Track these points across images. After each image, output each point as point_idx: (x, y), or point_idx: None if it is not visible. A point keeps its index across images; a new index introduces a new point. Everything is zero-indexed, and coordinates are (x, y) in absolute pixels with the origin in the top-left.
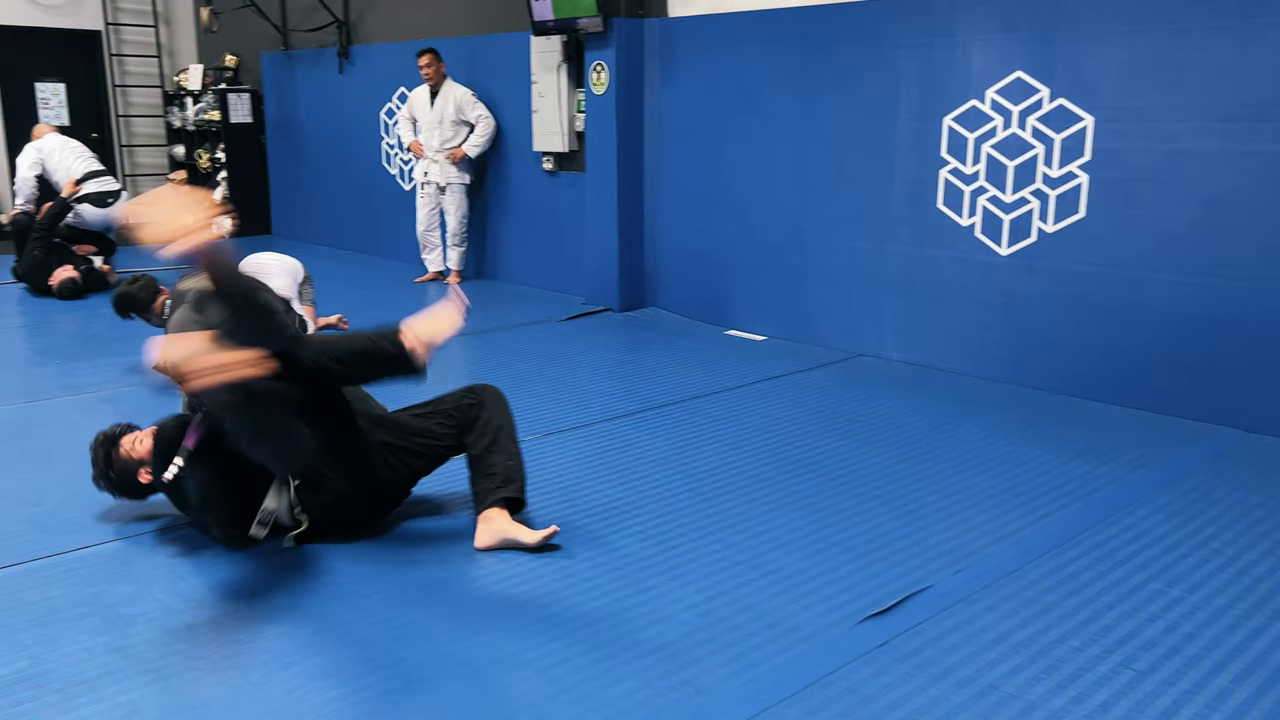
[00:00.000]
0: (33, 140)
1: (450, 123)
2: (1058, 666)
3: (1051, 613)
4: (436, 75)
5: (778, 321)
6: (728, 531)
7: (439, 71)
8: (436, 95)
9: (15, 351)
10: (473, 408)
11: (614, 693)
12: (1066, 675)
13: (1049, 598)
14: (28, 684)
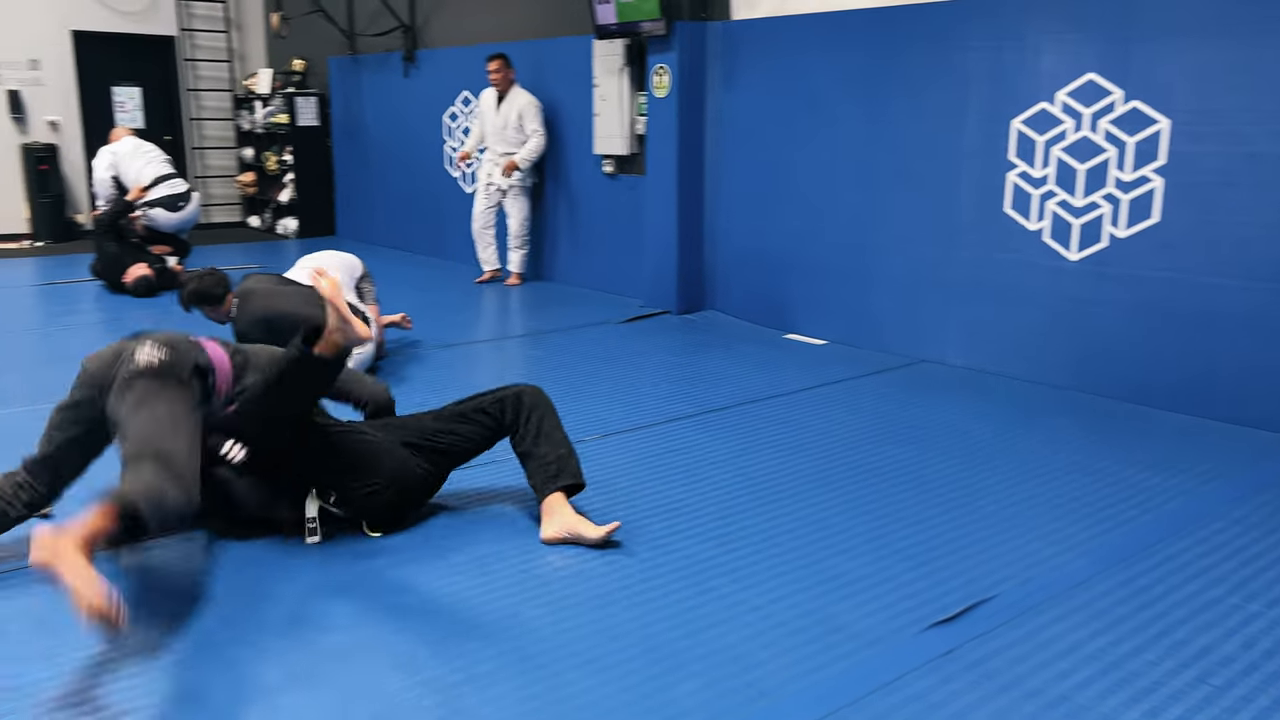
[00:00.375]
0: (110, 143)
1: (513, 129)
2: (1131, 679)
3: (1123, 625)
4: (504, 81)
5: (838, 326)
6: (789, 536)
7: (507, 77)
8: (503, 100)
9: (92, 345)
10: (508, 405)
11: (675, 693)
12: (1141, 689)
13: (1121, 610)
14: (99, 665)
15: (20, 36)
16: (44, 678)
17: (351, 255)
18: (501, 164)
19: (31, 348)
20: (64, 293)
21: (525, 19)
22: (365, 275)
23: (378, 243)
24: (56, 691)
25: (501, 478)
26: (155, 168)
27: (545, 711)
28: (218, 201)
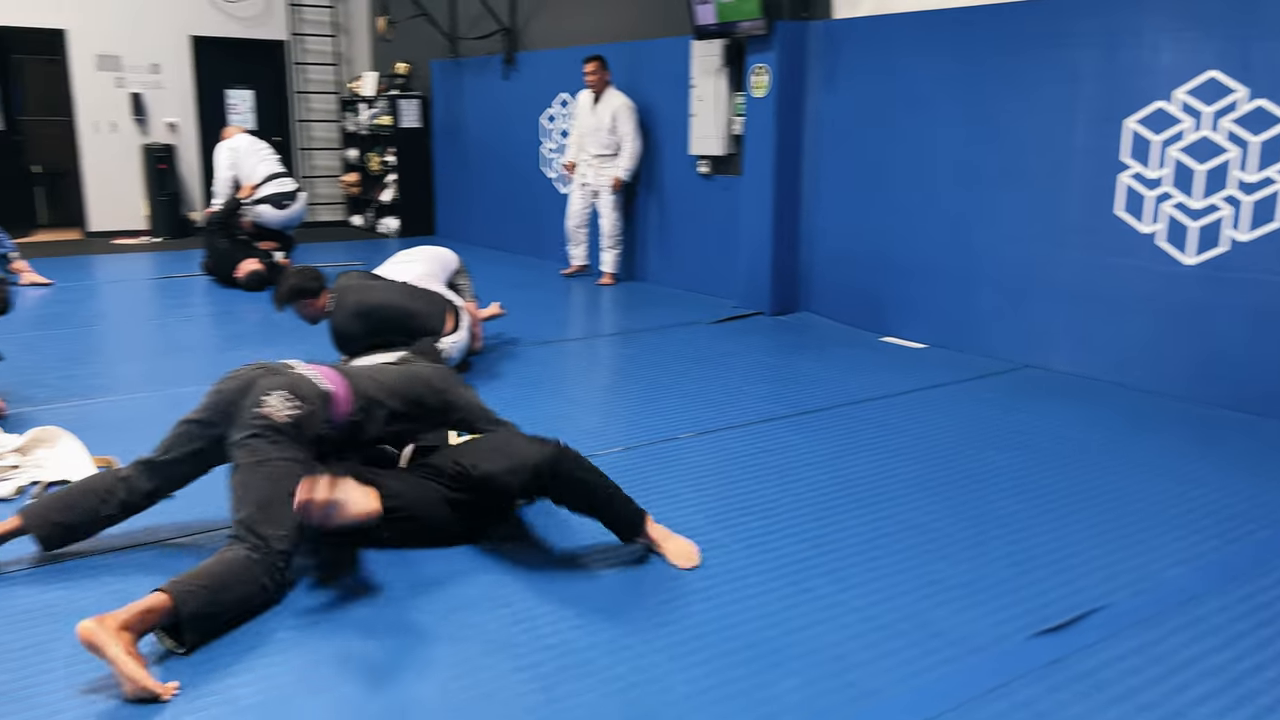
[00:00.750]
0: (223, 140)
1: (607, 131)
2: (1252, 697)
3: (1242, 641)
4: (600, 82)
5: (938, 329)
6: (887, 539)
7: (603, 79)
8: (598, 102)
9: (206, 337)
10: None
11: (775, 690)
12: (1263, 706)
13: (1239, 625)
14: (222, 640)
15: (144, 42)
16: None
17: (447, 250)
18: (595, 165)
19: (150, 338)
20: (179, 286)
21: (623, 20)
22: (460, 270)
23: (476, 242)
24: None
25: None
26: (268, 165)
27: (643, 702)
28: (322, 201)
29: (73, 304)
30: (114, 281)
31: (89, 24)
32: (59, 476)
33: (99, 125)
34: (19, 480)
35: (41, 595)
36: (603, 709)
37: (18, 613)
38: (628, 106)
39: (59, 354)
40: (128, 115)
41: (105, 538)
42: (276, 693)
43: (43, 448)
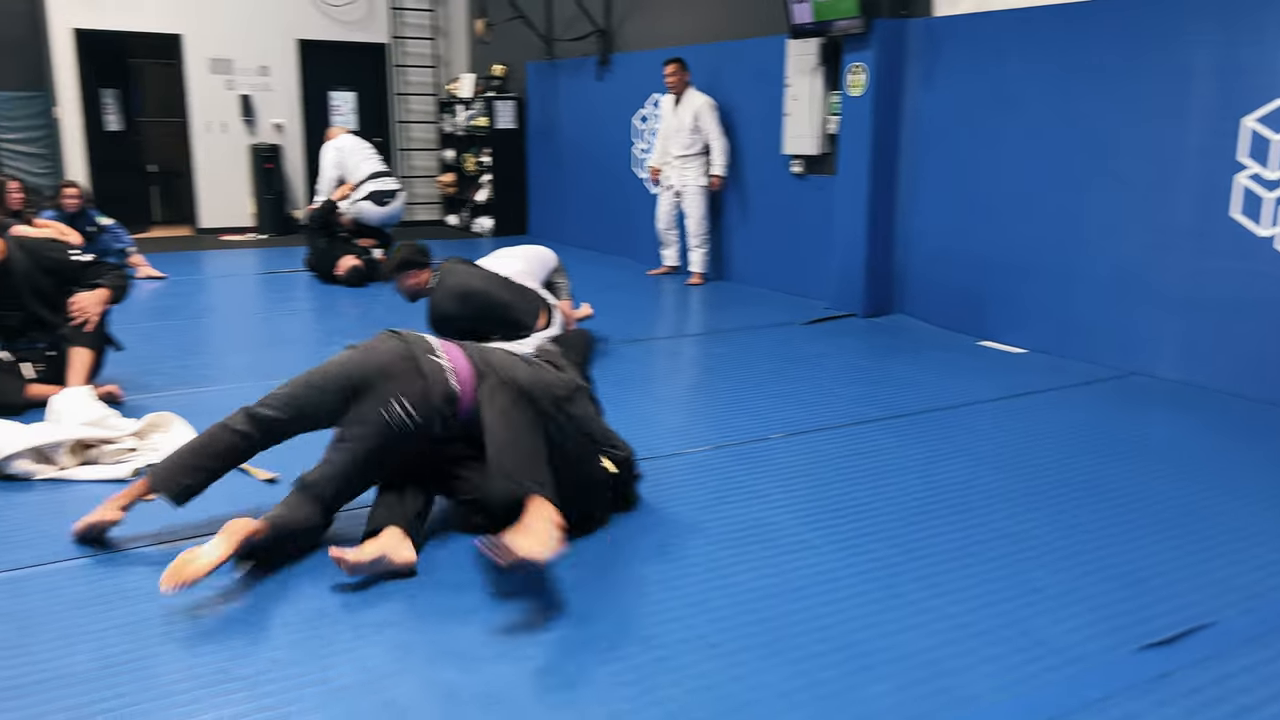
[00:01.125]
0: (328, 140)
1: (688, 130)
2: None
3: None
4: (680, 84)
5: (1038, 334)
6: (983, 546)
7: (682, 80)
8: (679, 103)
9: (307, 331)
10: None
11: (866, 693)
12: None
13: None
14: (323, 619)
15: (253, 46)
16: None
17: (546, 249)
18: (678, 165)
19: (255, 330)
20: (282, 281)
21: (717, 21)
22: (558, 269)
23: (568, 242)
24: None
25: (668, 474)
26: (371, 164)
27: (733, 699)
28: (420, 200)
29: (185, 297)
30: (222, 276)
31: (203, 28)
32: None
33: (210, 126)
34: (135, 462)
35: (154, 574)
36: (692, 705)
37: (132, 588)
38: (709, 105)
39: (173, 344)
40: (237, 116)
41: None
42: (368, 674)
43: (158, 432)
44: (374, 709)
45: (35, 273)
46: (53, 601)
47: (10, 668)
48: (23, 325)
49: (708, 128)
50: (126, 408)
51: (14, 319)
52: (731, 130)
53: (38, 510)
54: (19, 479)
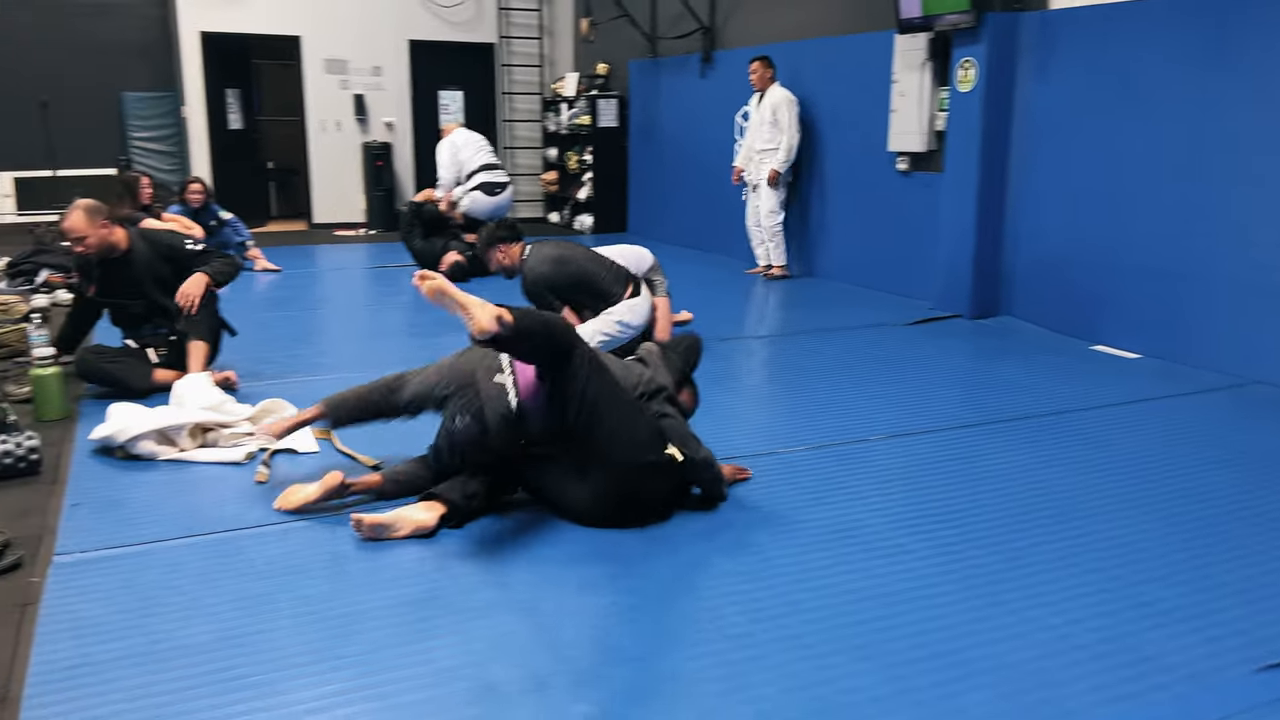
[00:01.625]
0: (444, 136)
1: (768, 124)
2: None
3: None
4: (762, 81)
5: (1155, 338)
6: (1091, 556)
7: (764, 78)
8: (762, 99)
9: (412, 323)
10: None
11: (962, 701)
12: None
13: None
14: (426, 603)
15: (368, 47)
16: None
17: (643, 248)
18: (756, 159)
19: (363, 322)
20: (390, 275)
21: (822, 17)
22: (654, 267)
23: (668, 240)
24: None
25: (763, 473)
26: (482, 156)
27: (825, 700)
28: (523, 198)
29: (298, 289)
30: (333, 270)
31: (320, 30)
32: (286, 445)
33: (325, 124)
34: (249, 446)
35: (263, 552)
36: (784, 704)
37: (244, 567)
38: (788, 100)
39: (285, 334)
40: (350, 115)
41: (326, 505)
42: (471, 657)
43: (270, 418)
44: (473, 691)
45: (155, 261)
46: (174, 576)
47: (130, 638)
48: (146, 312)
49: (782, 121)
50: (241, 394)
51: (138, 306)
52: (835, 127)
53: (161, 489)
54: (144, 459)
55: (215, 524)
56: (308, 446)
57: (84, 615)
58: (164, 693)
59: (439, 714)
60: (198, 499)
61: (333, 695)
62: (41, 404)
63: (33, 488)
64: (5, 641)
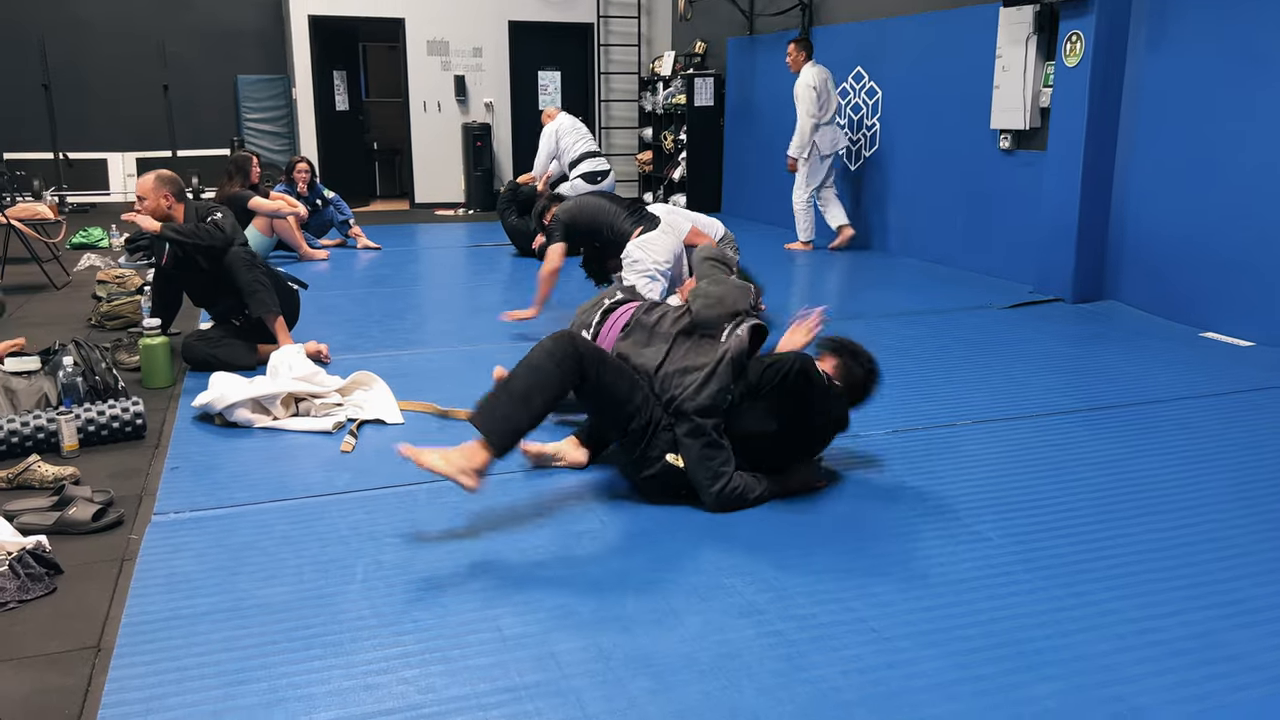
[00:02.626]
0: (546, 122)
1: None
2: None
3: None
4: (795, 64)
5: (1269, 325)
6: (1180, 550)
7: (796, 60)
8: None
9: (504, 301)
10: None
11: (1030, 692)
12: None
13: None
14: (494, 573)
15: (468, 29)
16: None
17: (718, 222)
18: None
19: (457, 299)
20: (486, 254)
21: None
22: (723, 238)
23: (762, 220)
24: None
25: (842, 457)
26: (583, 144)
27: (886, 684)
28: (619, 178)
29: (397, 267)
30: (432, 248)
31: (423, 12)
32: (373, 416)
33: (427, 105)
34: (338, 416)
35: (346, 518)
36: (844, 686)
37: (327, 531)
38: (804, 83)
39: (381, 310)
40: (451, 96)
41: (410, 473)
42: (536, 627)
43: (360, 389)
44: (536, 659)
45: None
46: (261, 537)
47: (217, 595)
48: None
49: (799, 107)
50: (334, 366)
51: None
52: (938, 104)
53: (254, 455)
54: (240, 426)
55: (302, 490)
56: (394, 418)
57: (176, 572)
58: (245, 647)
59: (501, 679)
60: (288, 465)
61: (400, 657)
62: (148, 373)
63: (137, 451)
64: (102, 594)
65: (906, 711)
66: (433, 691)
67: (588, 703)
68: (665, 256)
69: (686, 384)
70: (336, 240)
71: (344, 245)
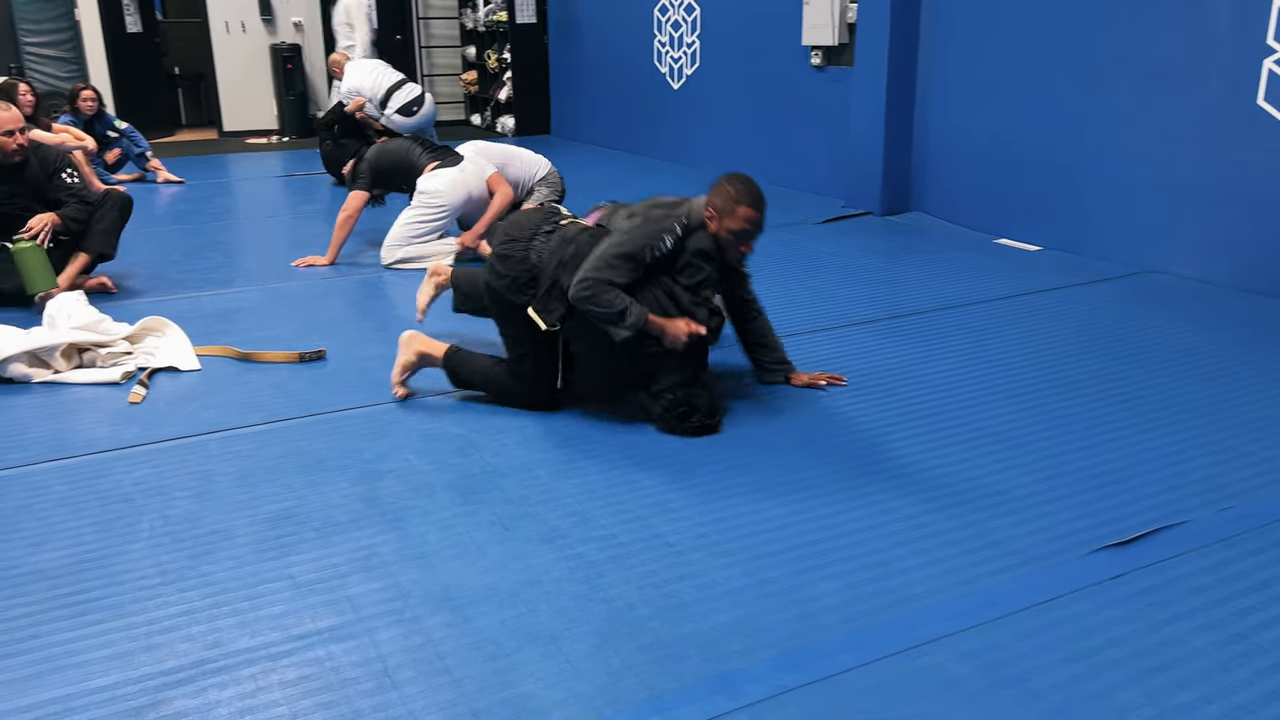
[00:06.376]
0: (336, 73)
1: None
2: None
3: None
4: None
5: (1054, 230)
6: (957, 447)
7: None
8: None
9: (320, 234)
10: None
11: (814, 590)
12: None
13: None
14: (292, 520)
15: None
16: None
17: (545, 159)
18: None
19: (267, 233)
20: (301, 184)
21: None
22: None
23: (594, 142)
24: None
25: None
26: (387, 79)
27: (675, 596)
28: (444, 100)
29: (201, 201)
30: (242, 179)
31: None
32: (166, 363)
33: (229, 25)
34: (127, 366)
35: (131, 474)
36: (640, 602)
37: (110, 489)
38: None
39: (182, 248)
40: (256, 15)
41: (204, 421)
42: (332, 572)
43: (151, 335)
44: (332, 604)
45: (41, 180)
46: (35, 500)
47: None
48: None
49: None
50: (124, 310)
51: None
52: (751, 21)
53: (31, 413)
54: (16, 382)
55: (85, 446)
56: (189, 364)
57: None
58: (14, 618)
59: (294, 626)
60: (68, 421)
61: (185, 614)
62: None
63: None
64: None
65: (698, 620)
66: (220, 646)
67: (383, 642)
68: (451, 194)
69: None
70: (134, 175)
71: (142, 180)
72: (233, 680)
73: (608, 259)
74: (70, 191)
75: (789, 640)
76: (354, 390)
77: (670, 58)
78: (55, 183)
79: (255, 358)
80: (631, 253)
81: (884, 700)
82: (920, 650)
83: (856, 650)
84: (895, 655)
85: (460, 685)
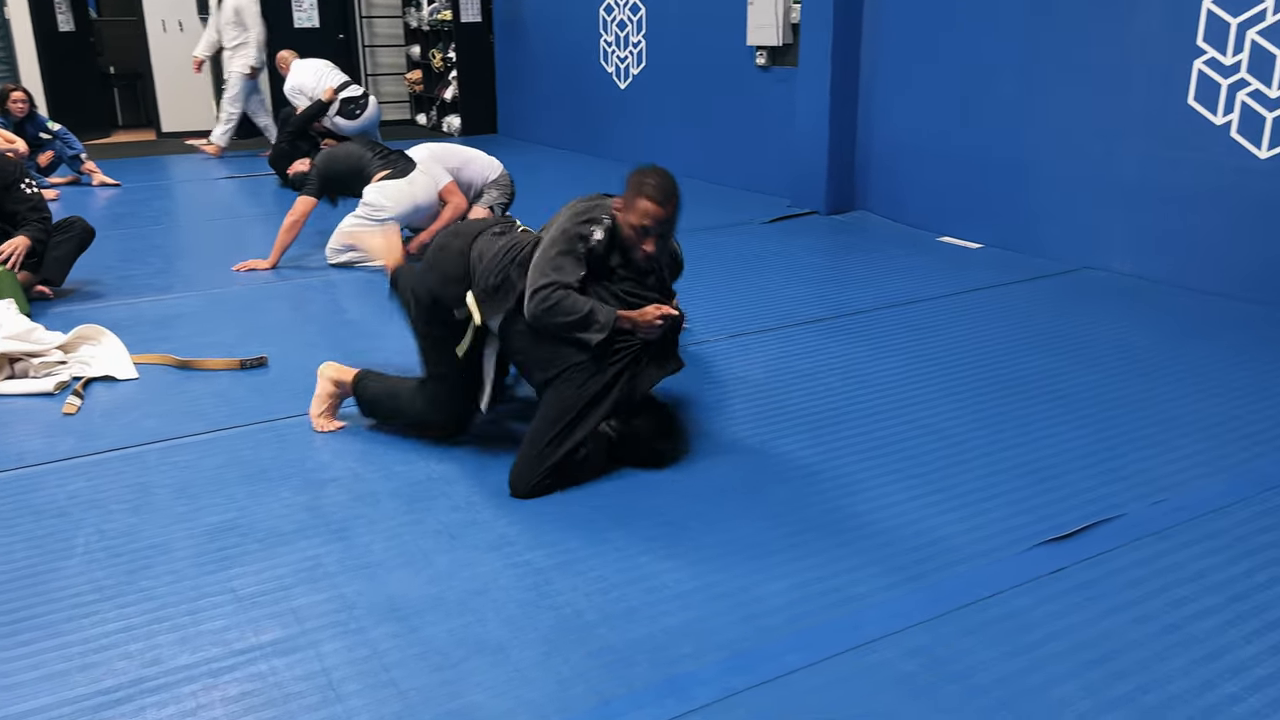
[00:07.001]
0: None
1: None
2: (1258, 612)
3: (1259, 555)
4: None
5: (994, 229)
6: (901, 444)
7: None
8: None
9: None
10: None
11: (761, 591)
12: (1268, 622)
13: (1259, 539)
14: (234, 532)
15: None
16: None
17: (496, 161)
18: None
19: (208, 237)
20: (244, 186)
21: None
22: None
23: (540, 141)
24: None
25: None
26: (332, 78)
27: (629, 600)
28: (388, 99)
29: (138, 204)
30: (181, 182)
31: None
32: (102, 372)
33: (166, 24)
34: (61, 376)
35: (65, 487)
36: (588, 608)
37: (43, 504)
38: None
39: (118, 254)
40: (194, 13)
41: (142, 432)
42: (275, 584)
43: (86, 344)
44: (276, 616)
45: None
46: None
47: None
48: None
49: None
50: (58, 318)
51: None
52: (695, 22)
53: None
54: None
55: (16, 460)
56: (127, 373)
57: None
58: None
59: (236, 641)
60: (0, 435)
61: (123, 630)
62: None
63: None
64: None
65: (646, 624)
66: (159, 663)
67: (327, 655)
68: (396, 207)
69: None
70: (68, 178)
71: (77, 183)
72: (173, 698)
73: (550, 261)
74: (31, 205)
75: (737, 642)
76: (297, 397)
77: (617, 57)
78: (14, 194)
79: (195, 365)
80: (566, 248)
81: (832, 699)
82: (867, 648)
83: (804, 650)
84: (842, 654)
85: (406, 697)
